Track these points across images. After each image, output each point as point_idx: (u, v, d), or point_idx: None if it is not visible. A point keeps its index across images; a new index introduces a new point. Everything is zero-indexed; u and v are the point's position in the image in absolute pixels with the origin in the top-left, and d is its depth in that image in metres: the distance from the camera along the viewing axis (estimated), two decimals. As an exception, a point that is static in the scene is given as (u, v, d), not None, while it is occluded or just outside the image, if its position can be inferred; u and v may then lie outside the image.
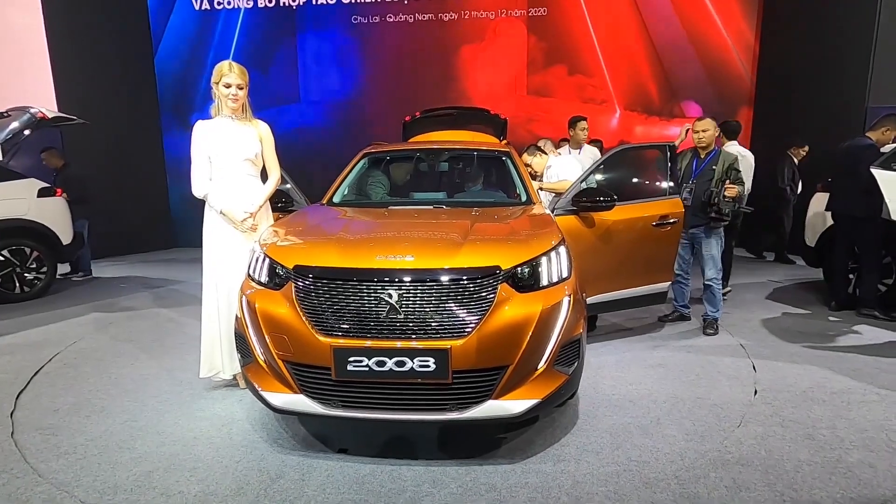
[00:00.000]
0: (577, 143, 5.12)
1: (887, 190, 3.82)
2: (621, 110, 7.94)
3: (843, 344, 3.64)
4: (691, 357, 3.42)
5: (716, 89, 7.87)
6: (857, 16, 6.56)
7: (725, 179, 3.71)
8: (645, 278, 3.58)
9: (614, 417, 2.57)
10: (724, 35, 7.79)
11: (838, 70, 6.73)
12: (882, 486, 1.97)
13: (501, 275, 2.05)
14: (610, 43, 7.82)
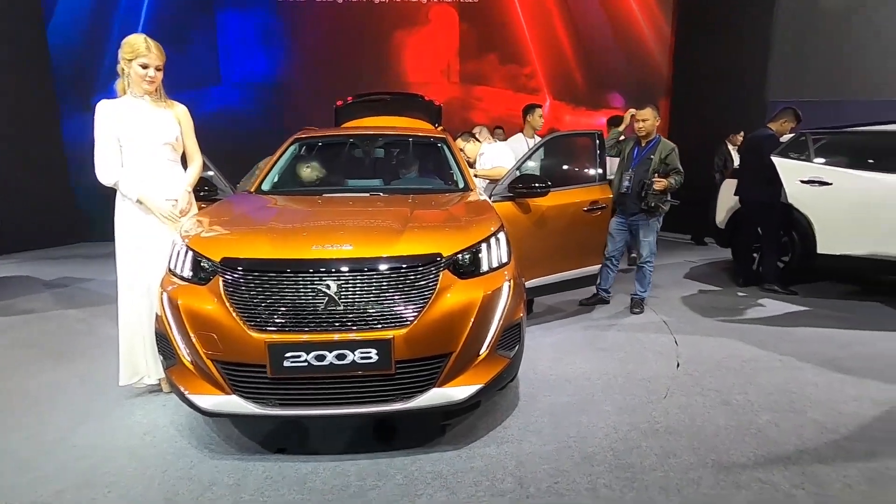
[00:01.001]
0: (533, 130, 5.12)
1: (785, 176, 4.22)
2: (551, 100, 8.17)
3: (749, 317, 4.00)
4: (621, 335, 3.61)
5: (637, 81, 8.30)
6: (755, 16, 7.15)
7: (658, 171, 3.90)
8: (577, 261, 3.72)
9: (553, 397, 2.66)
10: (644, 29, 8.20)
11: (742, 66, 7.32)
12: (787, 443, 2.19)
13: (443, 262, 2.03)
14: (540, 33, 7.99)
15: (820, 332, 3.59)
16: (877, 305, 4.21)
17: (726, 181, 5.41)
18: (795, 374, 2.90)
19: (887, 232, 3.98)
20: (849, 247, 4.12)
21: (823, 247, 4.16)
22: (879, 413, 2.45)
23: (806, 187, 4.19)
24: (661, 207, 3.93)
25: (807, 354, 3.18)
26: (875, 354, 3.18)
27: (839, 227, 4.12)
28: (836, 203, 4.12)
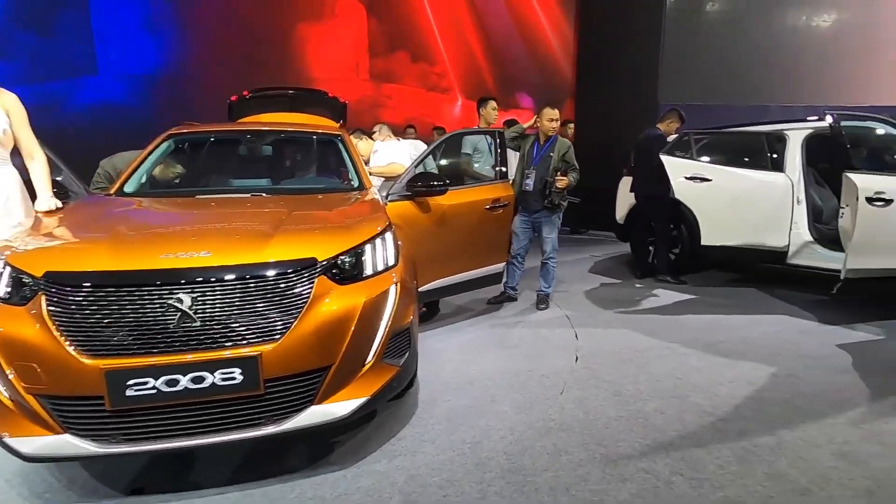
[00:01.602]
0: (487, 124, 4.94)
1: (672, 173, 4.49)
2: (463, 99, 8.20)
3: (645, 307, 4.20)
4: (526, 332, 3.63)
5: (544, 82, 8.57)
6: (647, 26, 7.64)
7: (559, 169, 3.96)
8: (481, 260, 3.69)
9: (453, 401, 2.58)
10: (549, 34, 8.49)
11: (637, 71, 7.78)
12: (670, 429, 2.27)
13: (318, 267, 1.86)
14: (449, 33, 8.00)
15: (704, 319, 3.84)
16: (753, 291, 4.60)
17: (623, 178, 5.68)
18: (682, 361, 3.06)
19: (758, 223, 4.35)
20: (727, 238, 4.46)
21: (706, 239, 4.47)
22: (751, 392, 2.62)
23: (690, 183, 4.48)
24: (562, 204, 4.02)
25: (692, 341, 3.37)
26: (750, 337, 3.44)
27: (719, 220, 4.46)
28: (716, 198, 4.45)
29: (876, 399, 2.54)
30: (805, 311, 3.96)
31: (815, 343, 3.31)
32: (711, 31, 7.81)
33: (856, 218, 3.26)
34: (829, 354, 3.12)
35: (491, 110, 4.71)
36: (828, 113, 3.59)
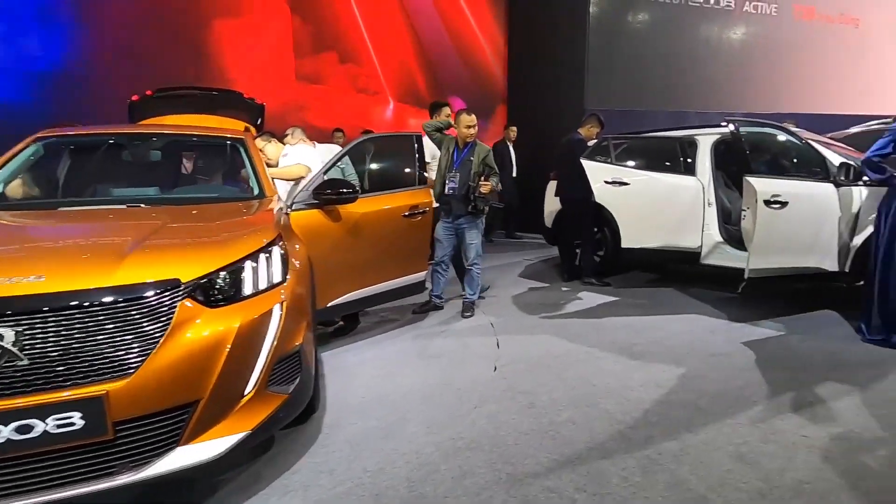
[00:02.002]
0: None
1: (593, 177, 4.56)
2: (395, 102, 8.05)
3: (569, 311, 4.23)
4: (448, 342, 3.53)
5: (476, 86, 8.57)
6: (573, 35, 7.83)
7: (481, 174, 3.89)
8: (400, 270, 3.56)
9: (359, 423, 2.42)
10: (479, 36, 8.50)
11: (563, 78, 7.95)
12: (579, 441, 2.22)
13: (182, 289, 1.65)
14: (378, 34, 7.82)
15: (623, 321, 3.90)
16: (671, 291, 4.76)
17: (550, 182, 5.74)
18: (598, 365, 3.06)
19: (673, 226, 4.50)
20: (646, 240, 4.58)
21: (626, 241, 4.58)
22: (659, 395, 2.64)
23: (609, 187, 4.57)
24: (485, 209, 3.97)
25: (610, 344, 3.40)
26: (664, 338, 3.51)
27: (637, 223, 4.57)
28: (634, 201, 4.56)
29: (774, 396, 2.63)
30: (716, 308, 4.12)
31: (722, 341, 3.42)
32: (632, 41, 8.12)
33: (755, 220, 3.41)
34: (734, 352, 3.23)
35: (444, 117, 4.54)
36: (729, 120, 3.75)
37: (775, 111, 9.10)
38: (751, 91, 9.07)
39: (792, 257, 3.59)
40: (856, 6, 9.86)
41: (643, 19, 8.20)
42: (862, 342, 3.34)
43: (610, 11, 7.91)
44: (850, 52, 9.88)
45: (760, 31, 9.06)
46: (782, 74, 9.29)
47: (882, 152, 3.20)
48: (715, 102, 8.73)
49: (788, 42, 9.28)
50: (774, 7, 9.03)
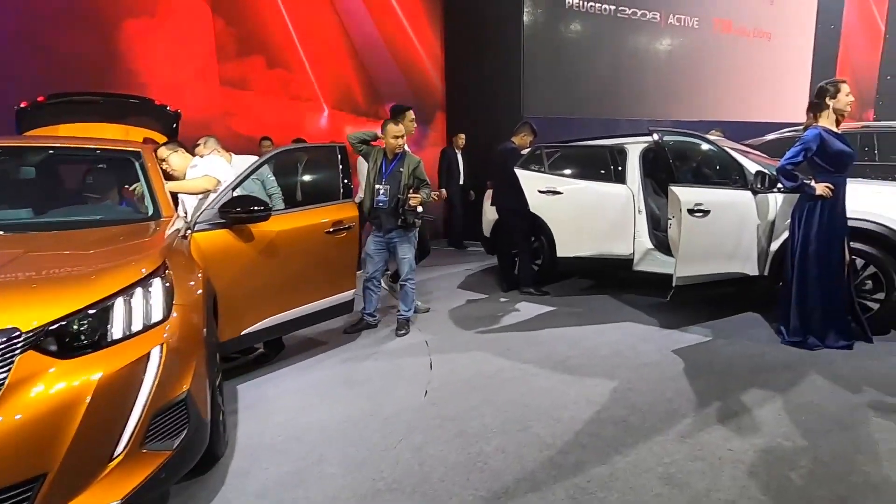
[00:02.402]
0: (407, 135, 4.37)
1: (527, 187, 4.52)
2: (329, 109, 7.77)
3: (505, 324, 4.14)
4: (378, 365, 3.34)
5: (414, 94, 8.44)
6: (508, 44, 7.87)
7: (411, 186, 3.73)
8: (325, 290, 3.33)
9: (271, 469, 2.18)
10: (415, 43, 8.39)
11: (501, 86, 7.98)
12: (507, 473, 2.10)
13: (22, 339, 1.38)
14: (310, 38, 7.52)
15: (558, 332, 3.85)
16: (606, 298, 4.79)
17: (488, 191, 5.68)
18: (531, 383, 2.97)
19: (606, 234, 4.54)
20: (580, 249, 4.59)
21: (562, 250, 4.57)
22: (591, 413, 2.58)
23: (543, 197, 4.55)
24: (416, 223, 3.81)
25: (544, 358, 3.33)
26: (598, 348, 3.48)
27: (571, 232, 4.57)
28: (567, 210, 4.56)
29: (701, 407, 2.63)
30: (648, 315, 4.17)
31: (653, 349, 3.44)
32: (566, 50, 8.28)
33: (680, 229, 3.46)
34: (664, 361, 3.24)
35: (409, 122, 4.16)
36: (653, 130, 3.81)
37: (699, 119, 9.58)
38: (677, 100, 9.50)
39: (716, 264, 3.67)
40: (768, 22, 10.58)
41: (575, 29, 8.38)
42: (782, 344, 3.45)
43: (542, 20, 8.03)
44: (764, 63, 10.59)
45: (684, 42, 9.52)
46: (705, 84, 9.80)
47: (794, 161, 3.33)
48: (645, 110, 9.06)
49: (709, 54, 9.81)
50: (696, 20, 9.51)
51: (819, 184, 3.30)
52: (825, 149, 3.26)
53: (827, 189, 3.26)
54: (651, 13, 8.92)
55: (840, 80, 3.29)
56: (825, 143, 3.25)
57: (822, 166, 3.30)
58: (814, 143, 3.26)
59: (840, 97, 3.25)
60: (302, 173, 4.78)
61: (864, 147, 6.32)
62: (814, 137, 3.27)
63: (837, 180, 3.29)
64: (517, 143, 4.89)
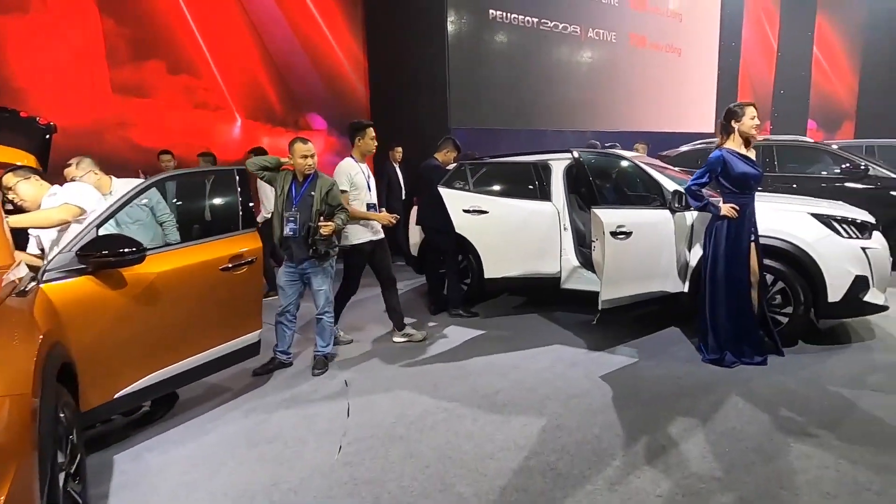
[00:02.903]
0: (362, 156, 3.92)
1: (451, 206, 4.33)
2: (242, 119, 7.20)
3: (431, 354, 3.90)
4: (289, 415, 2.98)
5: (337, 103, 8.06)
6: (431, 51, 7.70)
7: (322, 213, 3.40)
8: (224, 335, 2.93)
9: (140, 575, 1.80)
10: (336, 50, 8.00)
11: (427, 94, 7.79)
12: (425, 552, 1.86)
13: None
14: (218, 42, 6.93)
15: (487, 361, 3.68)
16: (535, 318, 4.69)
17: (414, 208, 5.45)
18: (457, 427, 2.75)
19: (533, 253, 4.45)
20: (508, 269, 4.47)
21: (489, 271, 4.42)
22: (519, 463, 2.40)
23: (469, 216, 4.38)
24: (331, 252, 3.49)
25: (472, 393, 3.13)
26: (526, 378, 3.34)
27: (498, 253, 4.44)
28: (493, 230, 4.42)
29: (629, 443, 2.53)
30: (577, 335, 4.10)
31: (581, 375, 3.35)
32: (492, 62, 8.25)
33: (604, 252, 3.40)
34: (592, 389, 3.15)
35: (370, 140, 3.84)
36: (572, 150, 3.75)
37: (620, 130, 9.95)
38: (599, 111, 9.81)
39: (640, 284, 3.66)
40: (678, 38, 11.23)
41: (500, 40, 8.38)
42: (702, 362, 3.49)
43: (467, 31, 7.94)
44: (676, 77, 11.22)
45: (604, 56, 9.85)
46: (623, 96, 10.20)
47: (699, 182, 3.39)
48: (569, 122, 9.26)
49: (627, 67, 10.23)
50: (613, 35, 9.87)
51: (725, 204, 3.37)
52: (728, 171, 3.32)
53: (731, 210, 3.32)
54: (572, 26, 9.13)
55: (747, 103, 3.37)
56: (728, 165, 3.32)
57: (728, 187, 3.37)
58: (717, 166, 3.33)
59: (745, 120, 3.33)
60: (208, 196, 4.29)
61: (765, 159, 6.76)
62: (716, 160, 3.33)
63: (742, 200, 3.36)
64: (441, 160, 4.70)
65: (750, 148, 3.41)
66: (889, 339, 3.78)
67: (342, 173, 3.79)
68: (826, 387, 3.05)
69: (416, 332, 4.14)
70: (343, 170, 3.82)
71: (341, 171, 3.80)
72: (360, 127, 3.88)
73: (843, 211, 3.72)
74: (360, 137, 3.84)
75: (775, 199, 4.14)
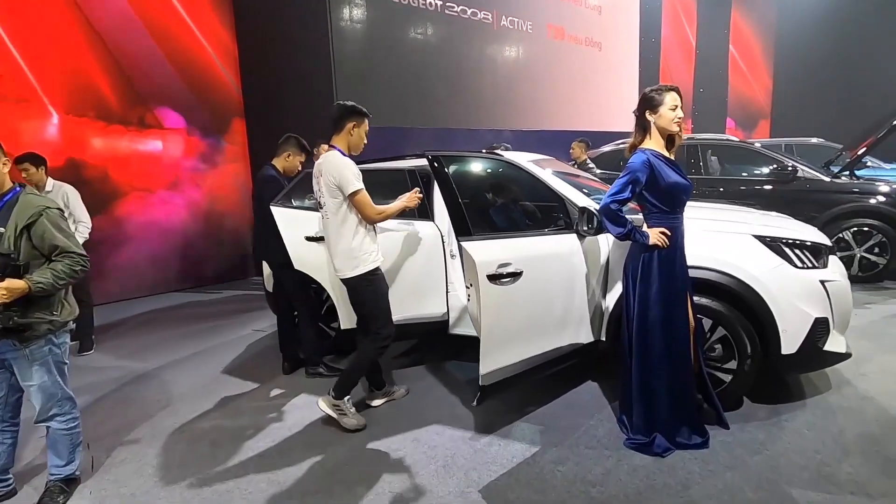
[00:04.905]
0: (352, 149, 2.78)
1: (287, 231, 3.11)
2: (61, 114, 5.58)
3: (256, 450, 2.66)
4: None
5: (200, 97, 6.58)
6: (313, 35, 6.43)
7: (12, 261, 2.04)
8: None
9: None
10: (198, 38, 6.53)
11: (311, 86, 6.50)
12: None
13: None
14: (21, 18, 5.28)
15: (336, 465, 2.49)
16: (417, 374, 3.59)
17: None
18: None
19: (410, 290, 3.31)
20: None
21: (346, 320, 3.24)
22: None
23: (314, 245, 3.17)
24: (37, 327, 2.11)
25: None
26: (381, 496, 2.20)
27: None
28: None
29: None
30: (464, 406, 3.02)
31: (460, 482, 2.25)
32: (388, 50, 7.07)
33: (480, 304, 2.31)
34: (465, 523, 2.06)
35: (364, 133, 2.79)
36: (427, 152, 2.66)
37: (540, 128, 9.11)
38: (515, 107, 8.90)
39: (538, 341, 2.62)
40: (598, 32, 10.59)
41: (399, 25, 7.22)
42: (625, 446, 2.51)
43: (357, 14, 6.71)
44: (596, 72, 10.58)
45: (520, 47, 8.96)
46: (541, 92, 9.37)
47: (619, 197, 2.38)
48: (482, 119, 8.28)
49: (545, 60, 9.40)
50: (529, 24, 9.00)
51: (653, 229, 2.40)
52: (656, 181, 2.36)
53: (662, 237, 2.36)
54: (482, 12, 8.15)
55: (667, 87, 2.41)
56: (656, 172, 2.35)
57: (654, 204, 2.41)
58: (642, 174, 2.35)
59: (662, 111, 2.38)
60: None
61: (690, 160, 6.08)
62: (642, 165, 2.35)
63: (673, 222, 2.41)
64: (280, 167, 3.46)
65: (673, 151, 2.46)
66: (847, 390, 2.98)
67: (350, 170, 2.61)
68: (788, 490, 2.13)
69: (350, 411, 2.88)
70: (346, 165, 2.62)
71: (348, 168, 2.61)
72: (355, 112, 2.75)
73: (793, 230, 2.87)
74: (356, 125, 2.74)
75: (704, 211, 3.27)
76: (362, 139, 2.82)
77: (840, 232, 5.24)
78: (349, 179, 2.61)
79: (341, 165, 2.64)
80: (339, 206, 2.66)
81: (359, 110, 2.78)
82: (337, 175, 2.62)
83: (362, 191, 2.65)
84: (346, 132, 2.76)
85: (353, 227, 2.67)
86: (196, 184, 6.63)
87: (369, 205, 2.67)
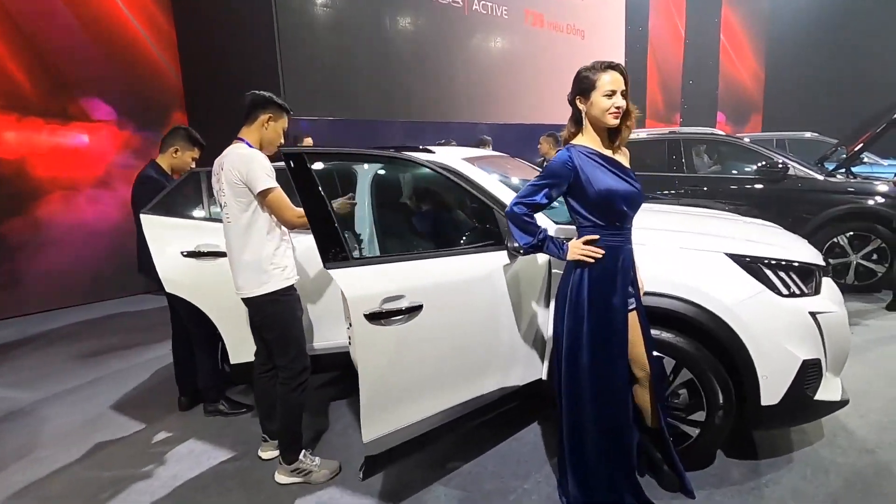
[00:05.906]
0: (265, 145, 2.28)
1: (158, 246, 2.52)
2: (-36, 106, 4.96)
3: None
4: None
5: (133, 87, 5.96)
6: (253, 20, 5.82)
7: None
8: None
9: None
10: (131, 21, 5.90)
11: (253, 75, 5.89)
12: None
13: None
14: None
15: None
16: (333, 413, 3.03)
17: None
18: None
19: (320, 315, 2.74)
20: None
21: (236, 353, 2.66)
22: None
23: (194, 262, 2.59)
24: None
25: None
26: None
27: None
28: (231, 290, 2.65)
29: None
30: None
31: None
32: (341, 34, 6.44)
33: (356, 352, 1.74)
34: None
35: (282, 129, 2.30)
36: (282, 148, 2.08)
37: (517, 122, 8.52)
38: (490, 100, 8.31)
39: (450, 392, 2.05)
40: (581, 18, 9.99)
41: (357, 7, 6.59)
42: (562, 523, 1.96)
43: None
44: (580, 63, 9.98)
45: (495, 34, 8.36)
46: (519, 83, 8.77)
47: (529, 200, 1.83)
48: (452, 112, 7.68)
49: (523, 49, 8.81)
50: (505, 10, 8.40)
51: (576, 241, 1.84)
52: (582, 186, 1.79)
53: (584, 253, 1.80)
54: (451, -4, 7.54)
55: (604, 64, 1.83)
56: (582, 176, 1.79)
57: (585, 216, 1.84)
58: (563, 177, 1.79)
59: (594, 98, 1.81)
60: None
61: (672, 156, 5.53)
62: (561, 166, 1.79)
63: (612, 239, 1.84)
64: (166, 166, 2.88)
65: (620, 148, 1.89)
66: (842, 439, 2.44)
67: (260, 164, 2.11)
68: None
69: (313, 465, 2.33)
70: (254, 157, 2.13)
71: (257, 161, 2.11)
72: (273, 104, 2.26)
73: (778, 247, 2.31)
74: (272, 119, 2.26)
75: (668, 219, 2.71)
76: (279, 136, 2.30)
77: (835, 236, 4.71)
78: (258, 175, 2.08)
79: (248, 157, 2.11)
80: (244, 209, 2.13)
81: (278, 103, 2.27)
82: (244, 169, 2.09)
83: (276, 189, 2.12)
84: (260, 124, 2.24)
85: (263, 234, 2.15)
86: (129, 181, 6.00)
87: (287, 206, 2.14)
